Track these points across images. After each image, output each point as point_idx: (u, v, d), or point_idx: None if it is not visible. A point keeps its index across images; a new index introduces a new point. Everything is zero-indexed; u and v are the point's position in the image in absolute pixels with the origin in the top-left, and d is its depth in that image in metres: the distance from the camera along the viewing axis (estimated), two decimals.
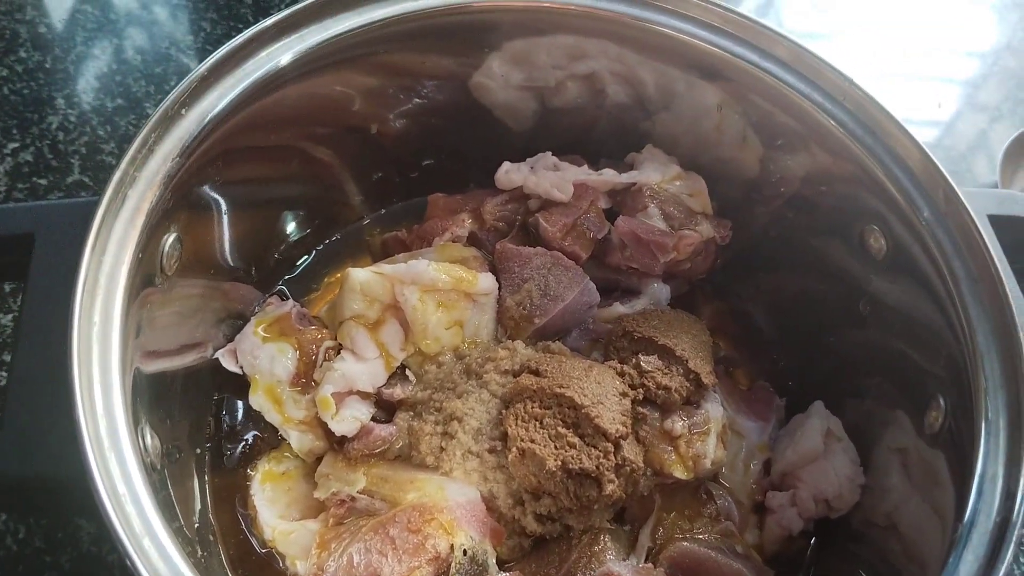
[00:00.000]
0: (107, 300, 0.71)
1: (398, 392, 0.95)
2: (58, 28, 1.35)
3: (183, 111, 0.81)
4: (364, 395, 0.94)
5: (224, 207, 0.94)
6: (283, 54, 0.87)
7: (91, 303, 0.70)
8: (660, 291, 1.04)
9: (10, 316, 1.10)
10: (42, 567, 0.94)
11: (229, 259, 0.98)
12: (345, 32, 0.91)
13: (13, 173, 1.21)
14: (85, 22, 1.37)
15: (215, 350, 0.97)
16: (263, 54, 0.86)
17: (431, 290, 0.95)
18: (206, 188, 0.89)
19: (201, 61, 1.23)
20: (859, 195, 0.95)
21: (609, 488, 0.84)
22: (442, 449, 0.90)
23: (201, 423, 0.96)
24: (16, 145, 1.24)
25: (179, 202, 0.83)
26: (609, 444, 0.85)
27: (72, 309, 0.68)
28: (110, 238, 0.73)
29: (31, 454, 0.69)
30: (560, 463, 0.84)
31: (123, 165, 0.76)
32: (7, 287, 1.12)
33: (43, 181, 1.21)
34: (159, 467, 0.76)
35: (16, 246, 0.78)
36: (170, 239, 0.82)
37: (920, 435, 0.89)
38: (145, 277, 0.78)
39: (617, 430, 0.85)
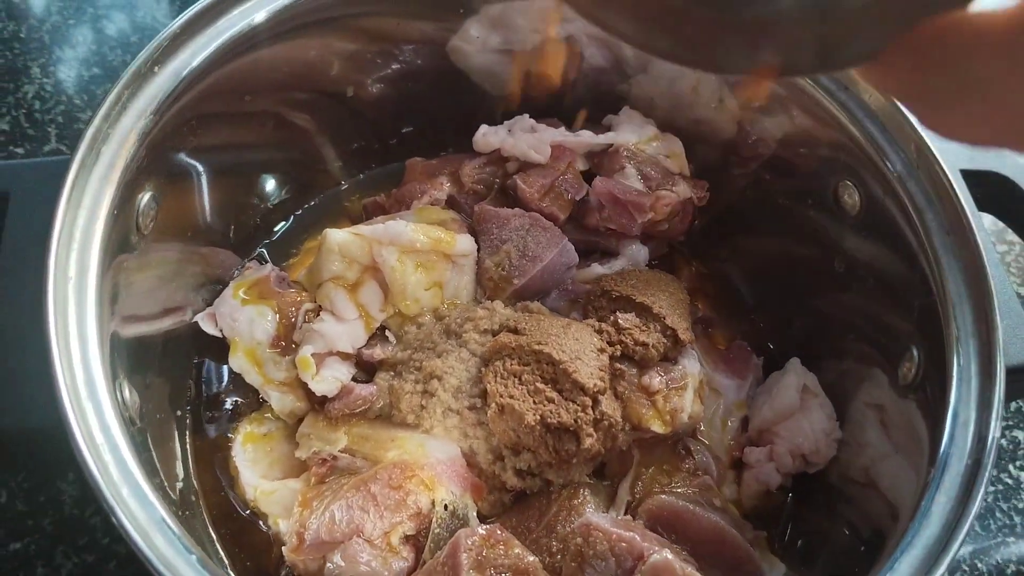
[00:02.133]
0: (83, 254, 0.71)
1: (378, 352, 0.95)
2: None
3: (155, 69, 0.81)
4: (344, 356, 0.94)
5: (201, 170, 0.93)
6: (256, 12, 0.87)
7: (66, 257, 0.70)
8: (638, 252, 1.05)
9: None
10: (24, 530, 0.94)
11: (207, 222, 0.98)
12: None
13: None
14: None
15: (195, 314, 0.97)
16: (236, 12, 0.86)
17: (410, 251, 0.95)
18: (181, 150, 0.89)
19: None
20: (833, 153, 0.96)
21: (587, 442, 0.85)
22: (422, 407, 0.91)
23: (181, 387, 0.97)
24: None
25: (154, 162, 0.82)
26: (587, 398, 0.85)
27: (47, 262, 0.68)
28: (85, 193, 0.73)
29: (9, 405, 0.69)
30: (539, 417, 0.84)
31: (96, 121, 0.75)
32: None
33: (20, 150, 1.20)
34: (139, 423, 0.76)
35: None
36: (145, 198, 0.82)
37: (895, 388, 0.90)
38: (121, 235, 0.78)
39: (595, 384, 0.86)
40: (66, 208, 0.71)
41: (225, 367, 0.99)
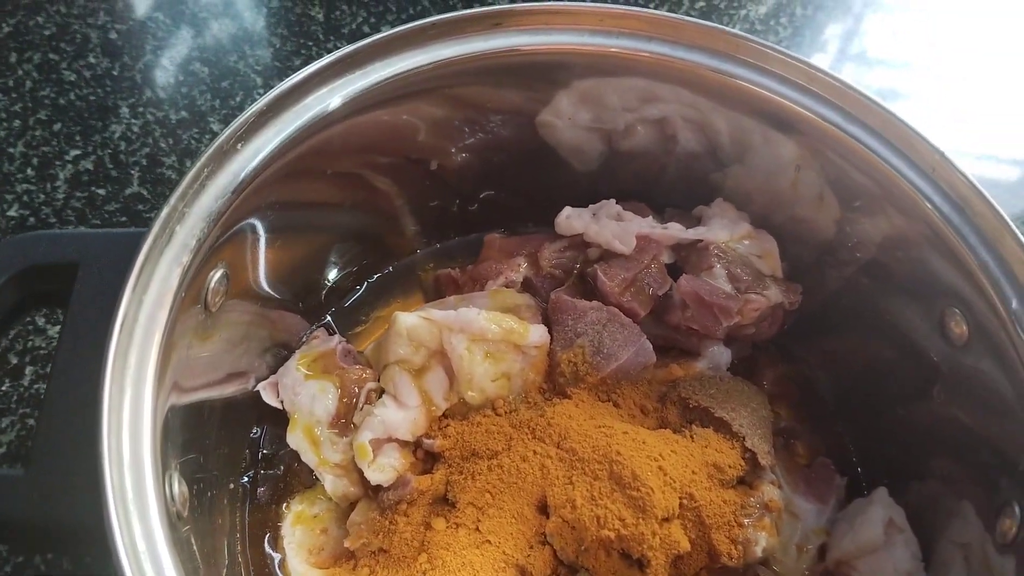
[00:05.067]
0: (144, 342, 0.69)
1: (438, 443, 0.91)
2: (128, 35, 1.35)
3: (239, 146, 0.79)
4: (403, 443, 0.91)
5: (275, 239, 0.91)
6: (345, 89, 0.84)
7: (127, 344, 0.68)
8: (720, 355, 0.99)
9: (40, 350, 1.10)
10: None
11: (277, 290, 0.96)
12: (410, 70, 0.88)
13: (72, 180, 1.20)
14: (156, 30, 1.36)
15: (257, 381, 0.95)
16: (324, 90, 0.84)
17: (480, 340, 0.91)
18: (257, 220, 0.86)
19: (268, 77, 1.22)
20: (942, 273, 0.88)
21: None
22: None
23: (237, 456, 0.94)
24: (78, 152, 1.23)
25: (229, 237, 0.80)
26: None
27: (107, 351, 0.66)
28: (153, 276, 0.71)
29: (55, 499, 0.67)
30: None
31: (172, 200, 0.74)
32: (41, 321, 1.12)
33: (101, 191, 1.20)
34: (185, 515, 0.73)
35: (59, 275, 0.76)
36: (217, 275, 0.80)
37: (989, 532, 0.82)
38: (187, 315, 0.75)
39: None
40: (132, 294, 0.69)
41: (282, 437, 0.96)
